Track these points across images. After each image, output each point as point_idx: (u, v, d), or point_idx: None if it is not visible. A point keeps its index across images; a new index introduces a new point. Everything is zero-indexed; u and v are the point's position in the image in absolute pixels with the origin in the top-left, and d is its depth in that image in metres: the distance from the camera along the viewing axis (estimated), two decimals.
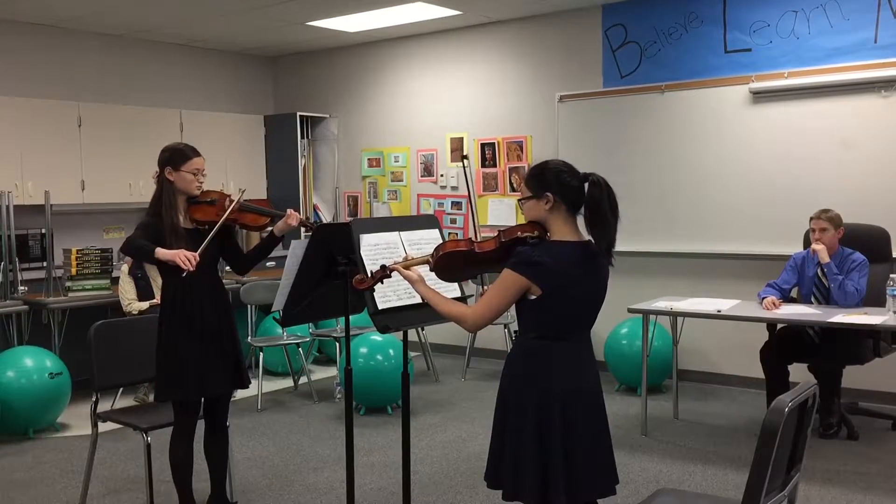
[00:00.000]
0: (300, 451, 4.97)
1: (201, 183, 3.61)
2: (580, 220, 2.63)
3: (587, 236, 2.63)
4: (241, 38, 7.73)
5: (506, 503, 2.72)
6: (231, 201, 3.61)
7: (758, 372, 5.09)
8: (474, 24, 7.28)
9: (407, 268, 2.80)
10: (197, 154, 3.60)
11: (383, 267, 2.84)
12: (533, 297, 2.57)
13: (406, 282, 2.84)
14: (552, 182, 2.60)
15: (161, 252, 3.42)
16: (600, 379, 2.75)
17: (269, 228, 3.73)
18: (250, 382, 3.83)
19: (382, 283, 2.89)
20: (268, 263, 7.06)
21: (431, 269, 2.76)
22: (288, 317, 3.48)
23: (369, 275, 2.89)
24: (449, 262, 2.73)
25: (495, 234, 2.70)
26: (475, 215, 3.41)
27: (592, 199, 2.56)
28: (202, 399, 3.68)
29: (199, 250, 3.44)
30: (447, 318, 2.74)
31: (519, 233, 2.64)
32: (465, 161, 3.82)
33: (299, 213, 3.72)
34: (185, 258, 3.38)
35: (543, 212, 2.62)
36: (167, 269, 3.53)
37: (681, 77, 6.26)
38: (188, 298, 3.55)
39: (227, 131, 7.83)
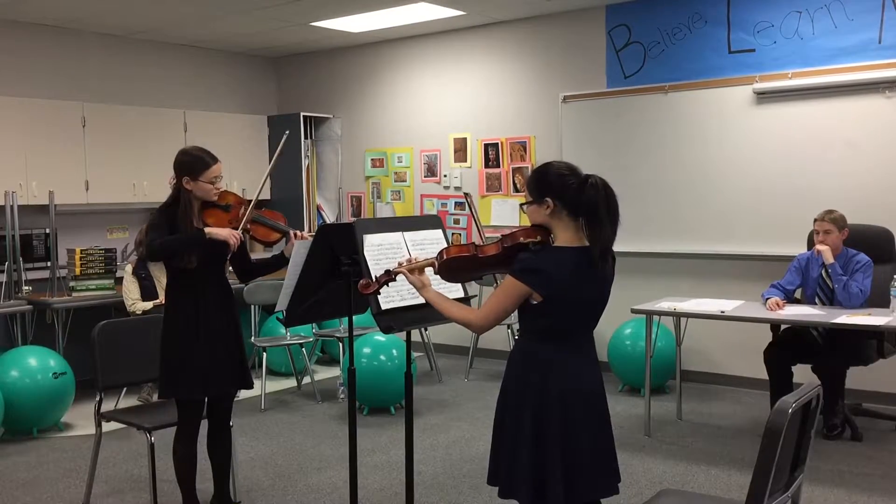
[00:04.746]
0: (303, 451, 4.98)
1: (219, 189, 3.57)
2: None
3: None
4: (244, 39, 7.74)
5: (502, 500, 2.73)
6: (245, 210, 3.60)
7: (761, 373, 5.09)
8: (478, 25, 7.28)
9: (411, 271, 2.80)
10: (215, 160, 3.53)
11: (388, 272, 2.84)
12: (534, 301, 2.57)
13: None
14: (552, 186, 2.59)
15: (213, 231, 3.47)
16: (603, 379, 2.74)
17: (281, 243, 3.71)
18: (254, 383, 3.83)
19: (388, 286, 2.89)
20: None
21: (436, 273, 2.78)
22: (291, 317, 3.47)
23: (374, 279, 2.89)
24: (453, 266, 2.76)
25: (499, 238, 2.71)
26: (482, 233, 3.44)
27: (589, 201, 2.53)
28: (206, 399, 3.68)
29: (239, 228, 3.54)
30: (452, 321, 2.75)
31: (521, 238, 2.64)
32: (468, 197, 3.88)
33: (304, 231, 3.73)
34: (237, 238, 3.50)
35: (545, 217, 2.62)
36: (174, 265, 3.53)
37: (684, 77, 6.25)
38: (193, 297, 3.55)
39: (230, 132, 7.84)
